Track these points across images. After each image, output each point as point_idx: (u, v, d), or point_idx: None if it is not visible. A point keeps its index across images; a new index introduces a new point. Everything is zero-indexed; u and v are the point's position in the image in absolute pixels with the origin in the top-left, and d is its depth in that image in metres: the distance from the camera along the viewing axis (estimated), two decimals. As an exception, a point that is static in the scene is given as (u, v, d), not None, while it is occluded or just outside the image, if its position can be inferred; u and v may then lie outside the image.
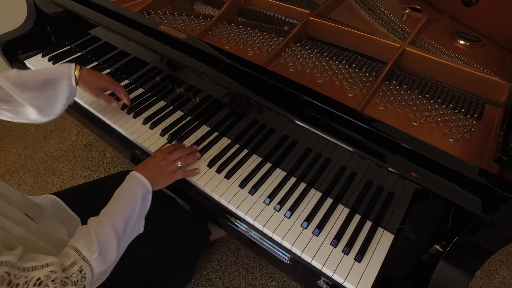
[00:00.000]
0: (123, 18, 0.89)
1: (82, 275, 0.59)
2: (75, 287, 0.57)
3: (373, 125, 0.63)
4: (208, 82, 0.81)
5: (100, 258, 0.62)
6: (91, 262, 0.61)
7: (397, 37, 0.97)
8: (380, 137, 0.62)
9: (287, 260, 0.73)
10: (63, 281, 0.55)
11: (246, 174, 0.82)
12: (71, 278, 0.57)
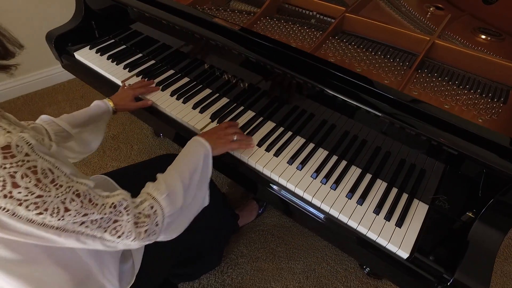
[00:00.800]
0: (184, 13, 0.99)
1: (153, 211, 0.65)
2: (149, 219, 0.64)
3: (423, 106, 0.73)
4: (253, 69, 0.91)
5: (168, 199, 0.68)
6: (160, 201, 0.67)
7: (423, 32, 1.06)
8: (426, 115, 0.71)
9: (343, 233, 0.81)
10: (136, 215, 0.62)
11: (293, 152, 0.91)
12: (143, 212, 0.64)
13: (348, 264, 1.51)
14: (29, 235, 0.49)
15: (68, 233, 0.52)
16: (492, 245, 0.68)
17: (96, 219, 0.55)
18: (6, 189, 0.44)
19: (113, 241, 0.59)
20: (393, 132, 0.78)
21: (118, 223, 0.58)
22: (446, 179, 0.79)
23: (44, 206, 0.47)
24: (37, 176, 0.46)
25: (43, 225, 0.49)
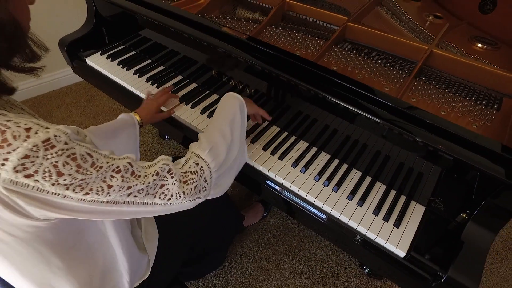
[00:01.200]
0: (195, 23, 1.04)
1: (199, 167, 0.69)
2: (197, 176, 0.67)
3: (419, 113, 0.77)
4: (259, 76, 0.95)
5: (211, 154, 0.72)
6: (204, 157, 0.71)
7: (422, 40, 1.10)
8: (423, 122, 0.76)
9: (342, 232, 0.86)
10: (182, 175, 0.65)
11: (297, 156, 0.96)
12: (190, 169, 0.67)
13: (348, 264, 1.55)
14: (85, 212, 0.54)
15: (119, 204, 0.57)
16: (484, 244, 0.73)
17: (141, 188, 0.59)
18: (53, 178, 0.48)
19: (165, 204, 0.63)
20: (392, 137, 0.83)
21: (165, 187, 0.62)
22: (442, 182, 0.83)
23: (88, 187, 0.52)
24: (76, 162, 0.50)
25: (93, 201, 0.53)
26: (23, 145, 0.46)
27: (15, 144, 0.46)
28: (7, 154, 0.45)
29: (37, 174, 0.47)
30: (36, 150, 0.47)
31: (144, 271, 0.86)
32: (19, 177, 0.46)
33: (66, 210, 0.52)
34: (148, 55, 1.34)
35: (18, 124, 0.47)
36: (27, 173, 0.47)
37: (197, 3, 1.27)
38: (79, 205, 0.52)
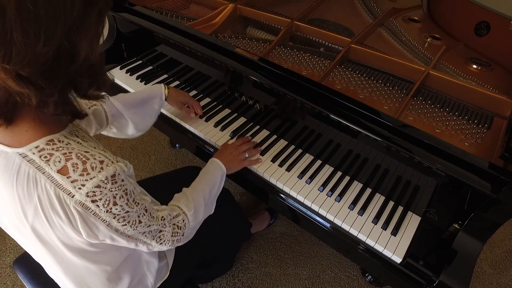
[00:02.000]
0: (210, 43, 1.13)
1: (183, 224, 0.80)
2: (181, 230, 0.79)
3: (415, 132, 0.85)
4: (269, 93, 1.04)
5: (194, 214, 0.83)
6: (188, 216, 0.82)
7: (420, 61, 1.19)
8: (417, 140, 0.84)
9: (343, 238, 0.94)
10: (172, 227, 0.76)
11: (303, 168, 1.04)
12: (177, 224, 0.78)
13: (351, 271, 1.62)
14: (107, 238, 0.62)
15: (132, 239, 0.66)
16: (473, 252, 0.80)
17: (154, 229, 0.69)
18: (109, 206, 0.57)
19: (155, 246, 0.73)
20: (391, 153, 0.90)
21: (162, 233, 0.72)
22: (436, 195, 0.90)
23: (128, 219, 0.61)
24: (127, 197, 0.60)
25: (121, 232, 0.62)
26: (98, 176, 0.55)
27: (92, 174, 0.55)
28: (85, 181, 0.54)
29: (100, 201, 0.56)
30: (106, 182, 0.56)
31: (164, 273, 0.95)
32: (87, 201, 0.55)
33: (98, 236, 0.61)
34: (164, 70, 1.44)
35: (94, 157, 0.56)
36: (93, 199, 0.55)
37: (210, 22, 1.37)
38: (110, 233, 0.61)
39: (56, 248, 0.65)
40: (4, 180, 0.56)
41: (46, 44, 0.45)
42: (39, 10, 0.43)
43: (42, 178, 0.54)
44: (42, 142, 0.55)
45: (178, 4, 1.54)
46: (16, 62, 0.45)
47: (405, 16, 1.49)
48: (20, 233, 0.66)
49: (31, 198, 0.56)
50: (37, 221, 0.59)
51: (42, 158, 0.54)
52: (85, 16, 0.49)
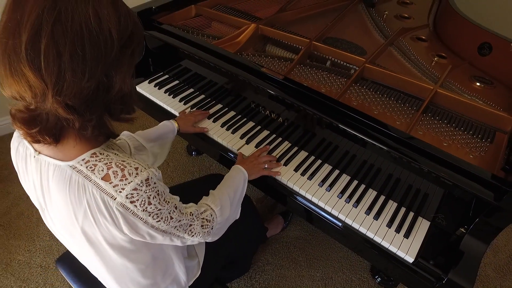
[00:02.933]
0: (238, 63, 1.25)
1: (211, 217, 0.90)
2: (209, 224, 0.88)
3: (425, 146, 0.96)
4: (291, 109, 1.16)
5: (220, 210, 0.93)
6: (216, 211, 0.92)
7: (428, 79, 1.30)
8: (426, 153, 0.95)
9: (360, 241, 1.04)
10: (202, 220, 0.86)
11: (323, 177, 1.15)
12: (206, 218, 0.88)
13: (361, 274, 1.72)
14: (145, 235, 0.72)
15: (167, 234, 0.76)
16: (478, 254, 0.90)
17: (184, 223, 0.79)
18: (145, 205, 0.67)
19: (188, 238, 0.82)
20: (402, 164, 1.01)
21: (192, 226, 0.82)
22: (444, 201, 1.01)
23: (161, 215, 0.71)
24: (159, 197, 0.70)
25: (157, 228, 0.72)
26: (134, 181, 0.65)
27: (130, 179, 0.65)
28: (124, 185, 0.65)
29: (137, 202, 0.66)
30: (141, 185, 0.66)
31: (196, 271, 1.05)
32: (127, 202, 0.65)
33: (139, 233, 0.71)
34: (190, 85, 1.55)
35: (130, 165, 0.67)
36: (132, 200, 0.66)
37: (235, 41, 1.49)
38: (148, 230, 0.71)
39: (100, 247, 0.75)
40: (59, 188, 0.67)
41: (89, 80, 0.56)
42: (85, 54, 0.55)
43: (89, 185, 0.65)
44: (87, 155, 0.66)
45: (201, 23, 1.66)
46: (66, 95, 0.55)
47: (413, 35, 1.61)
48: (71, 235, 0.76)
49: (81, 203, 0.66)
50: (86, 223, 0.69)
51: (88, 169, 0.65)
52: (121, 56, 0.60)
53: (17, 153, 0.74)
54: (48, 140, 0.63)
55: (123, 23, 0.59)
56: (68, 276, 1.18)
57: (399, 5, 1.89)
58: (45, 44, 0.52)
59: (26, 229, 1.86)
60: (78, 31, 0.54)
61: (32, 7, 0.53)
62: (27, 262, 1.72)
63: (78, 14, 0.54)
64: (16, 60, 0.54)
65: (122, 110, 0.68)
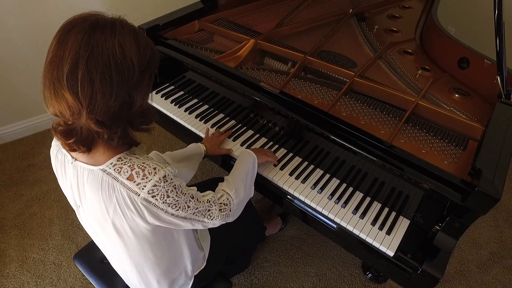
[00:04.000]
0: (238, 77, 1.37)
1: (228, 201, 1.02)
2: (227, 207, 1.00)
3: (404, 154, 1.09)
4: (286, 119, 1.29)
5: (235, 193, 1.05)
6: (231, 195, 1.04)
7: (412, 90, 1.43)
8: (405, 160, 1.08)
9: (348, 237, 1.17)
10: (219, 205, 0.98)
11: (315, 180, 1.28)
12: (223, 202, 1.00)
13: (353, 270, 1.84)
14: (169, 223, 0.86)
15: (187, 219, 0.89)
16: (448, 247, 1.04)
17: (201, 209, 0.91)
18: (164, 198, 0.80)
19: (208, 222, 0.95)
20: (385, 169, 1.14)
21: (211, 211, 0.94)
22: (423, 203, 1.14)
23: (178, 205, 0.84)
24: (176, 190, 0.82)
25: (177, 216, 0.85)
26: (154, 178, 0.78)
27: (149, 177, 0.78)
28: (146, 183, 0.78)
29: (157, 196, 0.79)
30: (160, 182, 0.79)
31: (201, 263, 1.18)
32: (149, 197, 0.78)
33: (161, 221, 0.84)
34: (194, 95, 1.68)
35: (149, 166, 0.80)
36: (153, 195, 0.79)
37: (235, 55, 1.62)
38: (169, 218, 0.84)
39: (126, 237, 0.88)
40: (93, 189, 0.81)
41: (115, 100, 0.69)
42: (112, 80, 0.68)
43: (117, 185, 0.78)
44: (114, 160, 0.80)
45: (204, 37, 1.79)
46: (97, 112, 0.69)
47: (401, 48, 1.74)
48: (103, 228, 0.89)
49: (111, 199, 0.80)
50: (116, 216, 0.82)
51: (115, 171, 0.78)
52: (140, 79, 0.73)
53: (56, 160, 0.89)
54: (82, 149, 0.77)
55: (142, 52, 0.73)
56: (85, 271, 1.30)
57: (389, 19, 2.02)
58: (82, 74, 0.66)
59: (39, 229, 1.99)
60: (106, 62, 0.67)
61: (72, 45, 0.67)
62: (41, 260, 1.85)
63: (107, 48, 0.68)
64: (59, 86, 0.67)
65: (142, 122, 0.82)
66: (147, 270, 1.00)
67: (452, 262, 1.89)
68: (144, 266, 0.98)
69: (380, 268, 1.15)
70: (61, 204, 2.11)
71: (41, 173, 2.30)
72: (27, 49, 2.24)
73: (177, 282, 1.09)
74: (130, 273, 1.03)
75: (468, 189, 0.98)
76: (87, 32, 0.67)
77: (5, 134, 2.48)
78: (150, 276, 1.02)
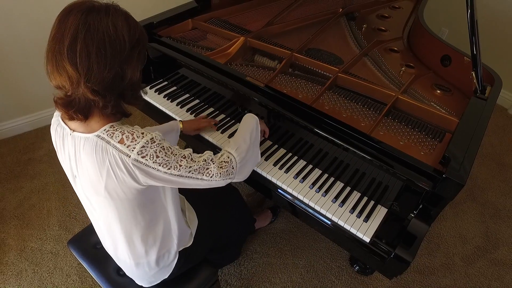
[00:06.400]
0: (225, 72, 1.44)
1: (229, 159, 1.07)
2: (228, 164, 1.06)
3: (381, 144, 1.15)
4: (271, 112, 1.34)
5: (237, 151, 1.10)
6: (233, 153, 1.10)
7: (395, 86, 1.48)
8: (382, 150, 1.13)
9: (328, 224, 1.23)
10: (219, 162, 1.04)
11: (298, 170, 1.34)
12: (223, 159, 1.06)
13: (341, 262, 1.89)
14: (166, 180, 0.92)
15: (184, 177, 0.95)
16: (421, 233, 1.09)
17: (197, 168, 0.97)
18: (153, 158, 0.87)
19: (208, 179, 1.00)
20: (364, 160, 1.19)
21: (209, 169, 1.00)
22: (400, 192, 1.19)
23: (169, 165, 0.90)
24: (165, 151, 0.89)
25: (170, 174, 0.91)
26: (142, 141, 0.86)
27: (138, 140, 0.86)
28: (135, 145, 0.86)
29: (147, 156, 0.86)
30: (148, 143, 0.87)
31: (187, 240, 1.24)
32: (139, 157, 0.86)
33: (155, 178, 0.90)
34: (186, 91, 1.74)
35: (138, 131, 0.88)
36: (142, 155, 0.86)
37: (226, 52, 1.68)
38: (162, 175, 0.90)
39: (118, 200, 0.94)
40: (88, 153, 0.88)
41: (109, 71, 0.79)
42: (106, 52, 0.78)
43: (110, 148, 0.86)
44: (107, 127, 0.88)
45: (197, 35, 1.86)
46: (93, 82, 0.78)
47: (387, 47, 1.80)
48: (96, 193, 0.95)
49: (104, 162, 0.87)
50: (109, 179, 0.89)
51: (108, 136, 0.87)
52: (131, 54, 0.82)
53: (56, 133, 0.97)
54: (80, 117, 0.86)
55: (132, 31, 0.83)
56: (78, 255, 1.37)
57: (378, 18, 2.08)
58: (80, 47, 0.76)
59: (38, 220, 2.06)
60: (101, 37, 0.77)
61: (71, 23, 0.77)
62: (39, 249, 1.91)
63: (102, 26, 0.78)
64: (60, 58, 0.77)
65: (132, 95, 0.91)
66: (136, 238, 1.06)
67: (438, 256, 1.94)
68: (133, 234, 1.05)
69: (358, 253, 1.20)
70: (59, 197, 2.18)
71: (41, 166, 2.37)
72: (28, 46, 2.31)
73: (163, 257, 1.15)
74: (120, 244, 1.08)
75: (437, 176, 1.03)
76: (84, 13, 0.77)
77: (7, 129, 2.56)
78: (138, 246, 1.08)
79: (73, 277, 1.80)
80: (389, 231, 1.17)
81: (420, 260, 1.91)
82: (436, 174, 1.05)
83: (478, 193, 2.29)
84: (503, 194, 2.29)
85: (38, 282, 1.78)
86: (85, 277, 1.80)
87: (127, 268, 1.19)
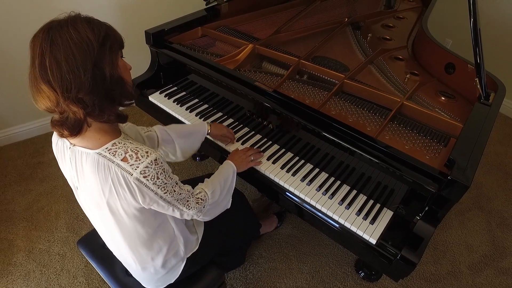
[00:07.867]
0: (235, 77, 1.47)
1: (204, 198, 1.11)
2: (203, 202, 1.09)
3: (388, 148, 1.17)
4: (279, 117, 1.37)
5: (212, 194, 1.14)
6: (208, 193, 1.13)
7: (400, 93, 1.51)
8: (388, 153, 1.15)
9: (334, 226, 1.24)
10: (196, 198, 1.07)
11: (305, 174, 1.36)
12: (200, 197, 1.09)
13: (346, 268, 1.90)
14: (155, 203, 0.93)
15: (171, 204, 0.97)
16: (427, 235, 1.10)
17: (182, 198, 0.99)
18: (154, 179, 0.88)
19: (185, 211, 1.03)
20: (370, 163, 1.22)
21: (189, 202, 1.03)
22: (405, 195, 1.21)
23: (167, 188, 0.92)
24: (165, 173, 0.91)
25: (164, 199, 0.93)
26: (146, 161, 0.87)
27: (142, 159, 0.87)
28: (138, 164, 0.87)
29: (148, 176, 0.88)
30: (151, 164, 0.88)
31: (194, 245, 1.26)
32: (141, 177, 0.87)
33: (149, 201, 0.92)
34: (195, 96, 1.78)
35: (142, 150, 0.88)
36: (144, 175, 0.87)
37: (235, 59, 1.72)
38: (157, 199, 0.92)
39: (119, 215, 0.96)
40: (91, 170, 0.89)
41: (85, 74, 0.77)
42: (75, 56, 0.76)
43: (112, 166, 0.87)
44: (109, 144, 0.88)
45: (206, 43, 1.90)
46: (74, 91, 0.76)
47: (392, 55, 1.83)
48: (98, 207, 0.97)
49: (107, 180, 0.88)
50: (111, 196, 0.91)
51: (111, 154, 0.87)
52: (102, 50, 0.80)
53: (56, 147, 0.98)
54: (67, 133, 0.86)
55: (96, 29, 0.81)
56: (87, 255, 1.39)
57: (383, 28, 2.12)
58: (49, 61, 0.75)
59: (46, 222, 2.08)
60: (66, 44, 0.76)
61: (36, 45, 0.77)
62: (46, 250, 1.94)
63: (64, 34, 0.77)
64: (36, 82, 0.78)
65: (121, 94, 0.89)
66: (140, 248, 1.07)
67: (444, 264, 1.93)
68: (137, 244, 1.06)
69: (364, 256, 1.21)
70: (67, 199, 2.21)
71: (50, 170, 2.41)
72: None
73: (169, 261, 1.16)
74: (125, 252, 1.10)
75: (442, 178, 1.05)
76: (45, 31, 0.78)
77: (18, 133, 2.61)
78: (143, 254, 1.10)
79: (79, 279, 1.81)
80: (395, 233, 1.18)
81: (426, 268, 1.91)
82: (442, 176, 1.07)
83: (484, 202, 2.29)
84: (510, 202, 2.29)
85: (45, 283, 1.79)
86: (91, 278, 1.81)
87: (133, 271, 1.21)
